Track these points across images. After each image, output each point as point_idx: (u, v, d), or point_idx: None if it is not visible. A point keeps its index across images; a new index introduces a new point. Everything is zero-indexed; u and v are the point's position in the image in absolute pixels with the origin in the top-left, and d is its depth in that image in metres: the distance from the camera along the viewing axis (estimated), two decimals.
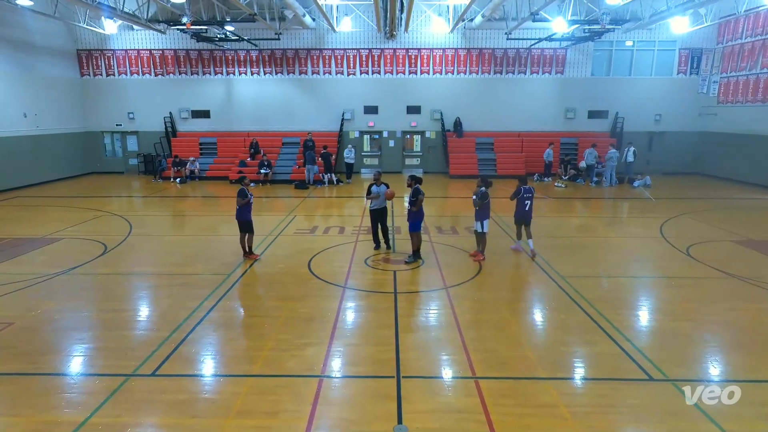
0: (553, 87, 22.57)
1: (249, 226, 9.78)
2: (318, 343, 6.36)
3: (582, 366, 5.98)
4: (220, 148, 22.70)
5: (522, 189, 10.01)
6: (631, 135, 21.79)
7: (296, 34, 22.00)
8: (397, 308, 7.51)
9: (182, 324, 6.92)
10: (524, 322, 7.32)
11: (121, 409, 4.98)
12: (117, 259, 10.13)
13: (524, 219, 10.11)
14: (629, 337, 6.54)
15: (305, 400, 5.12)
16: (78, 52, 22.41)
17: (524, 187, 10.06)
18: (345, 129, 22.97)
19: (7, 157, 18.12)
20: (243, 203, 9.58)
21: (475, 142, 22.59)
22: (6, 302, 7.56)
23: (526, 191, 10.05)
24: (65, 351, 6.25)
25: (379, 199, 10.18)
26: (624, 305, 7.78)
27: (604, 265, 9.90)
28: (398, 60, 22.27)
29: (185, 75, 22.70)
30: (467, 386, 5.43)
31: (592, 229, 13.30)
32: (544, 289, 8.47)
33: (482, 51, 22.21)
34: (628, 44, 22.05)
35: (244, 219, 9.68)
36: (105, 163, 23.70)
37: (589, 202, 17.10)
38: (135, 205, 17.24)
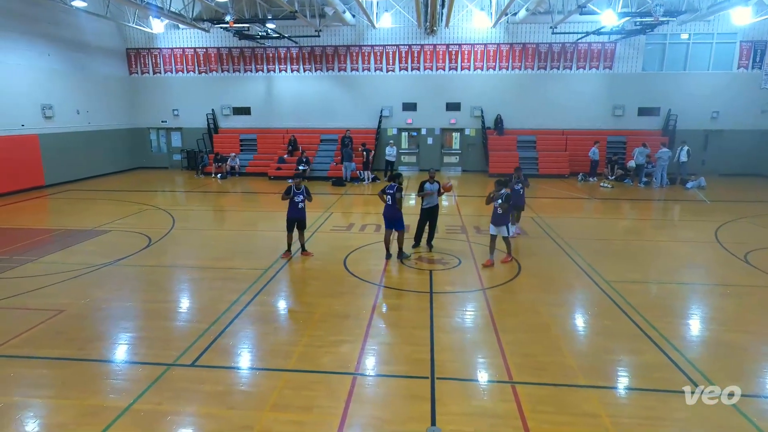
0: (600, 83, 21.74)
1: (290, 224, 9.83)
2: (352, 341, 6.35)
3: (626, 375, 5.69)
4: (260, 145, 23.15)
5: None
6: (684, 133, 20.73)
7: (336, 30, 22.12)
8: (432, 308, 7.40)
9: (221, 316, 7.07)
10: (565, 326, 7.05)
11: (162, 397, 5.13)
12: (160, 251, 10.48)
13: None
14: (679, 346, 6.19)
15: (339, 396, 5.12)
16: (127, 51, 23.39)
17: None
18: (383, 126, 22.94)
19: (62, 152, 19.09)
20: (286, 199, 9.72)
21: (517, 140, 22.06)
22: (58, 290, 7.94)
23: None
24: (111, 339, 6.51)
25: (432, 198, 10.06)
26: (674, 313, 7.38)
27: (653, 270, 9.41)
28: (438, 56, 22.02)
29: (227, 72, 23.27)
30: (504, 391, 5.28)
31: (641, 232, 12.67)
32: (587, 293, 8.16)
33: (525, 46, 21.64)
34: (684, 37, 20.94)
35: (287, 216, 9.81)
36: (151, 158, 24.65)
37: (638, 204, 16.36)
38: (178, 199, 17.82)
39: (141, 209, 14.68)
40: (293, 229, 9.82)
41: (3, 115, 16.58)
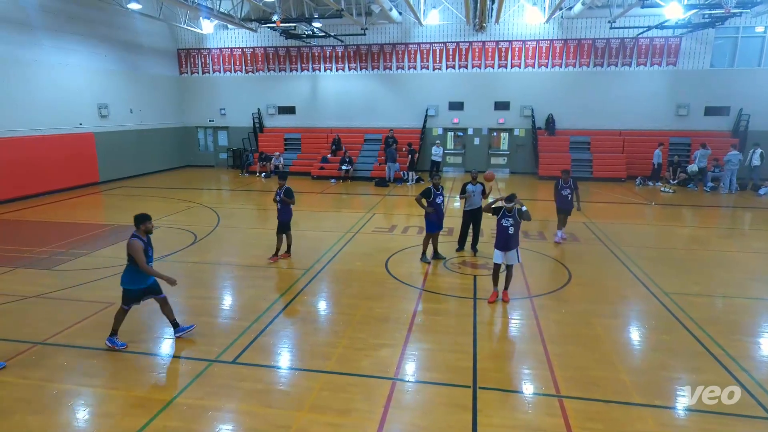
0: (662, 80, 20.51)
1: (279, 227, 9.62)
2: (393, 345, 6.23)
3: (686, 395, 5.23)
4: (304, 144, 23.45)
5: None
6: (758, 135, 19.14)
7: (382, 28, 22.06)
8: (476, 315, 7.16)
9: (262, 315, 7.13)
10: (618, 340, 6.61)
11: (203, 392, 5.21)
12: (205, 248, 10.76)
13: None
14: (746, 367, 5.67)
15: (377, 401, 5.04)
16: (178, 51, 24.30)
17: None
18: (428, 126, 22.65)
19: (116, 150, 20.03)
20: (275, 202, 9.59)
21: (569, 141, 21.18)
22: (109, 284, 8.21)
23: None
24: (157, 333, 6.69)
25: (474, 199, 9.76)
26: (741, 330, 6.77)
27: (719, 282, 8.68)
28: (487, 53, 21.50)
29: (273, 72, 23.71)
30: (550, 404, 5.03)
31: (705, 241, 11.78)
32: (644, 305, 7.65)
33: (581, 42, 20.76)
34: (759, 30, 19.41)
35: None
36: (198, 156, 25.49)
37: (703, 210, 15.27)
38: (223, 197, 18.30)
39: (188, 206, 15.17)
40: (280, 234, 9.59)
41: (63, 114, 17.58)
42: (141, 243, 5.92)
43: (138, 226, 6.04)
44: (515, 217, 7.28)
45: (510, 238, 7.30)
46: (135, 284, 6.05)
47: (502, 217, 7.34)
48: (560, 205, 10.77)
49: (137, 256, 5.83)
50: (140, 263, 5.84)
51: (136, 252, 5.84)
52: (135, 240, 5.91)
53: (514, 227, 7.28)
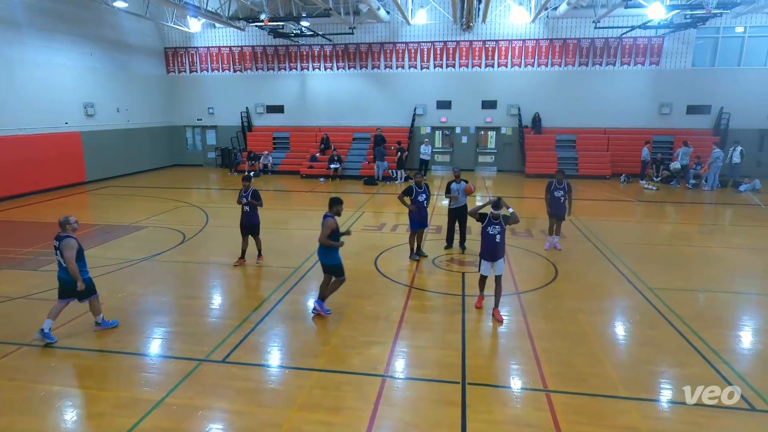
0: (646, 79, 20.83)
1: (241, 230, 9.34)
2: (382, 342, 6.27)
3: (670, 388, 5.37)
4: (293, 143, 23.37)
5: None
6: (738, 133, 19.56)
7: (370, 28, 22.07)
8: (464, 312, 7.23)
9: (252, 314, 7.13)
10: (605, 335, 6.73)
11: (193, 391, 5.20)
12: (194, 248, 10.70)
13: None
14: (728, 360, 5.82)
15: (368, 398, 5.08)
16: (165, 50, 24.04)
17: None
18: (417, 124, 22.73)
19: (102, 150, 19.77)
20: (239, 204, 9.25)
21: (555, 139, 21.43)
22: (96, 284, 8.07)
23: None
24: (146, 333, 6.65)
25: (459, 198, 9.91)
26: (723, 324, 6.94)
27: (701, 278, 8.90)
28: (474, 52, 21.64)
29: (261, 71, 23.59)
30: (538, 399, 5.11)
31: (688, 238, 12.01)
32: (629, 301, 7.79)
33: (566, 41, 21.00)
34: (739, 30, 19.79)
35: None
36: (186, 156, 25.27)
37: (685, 207, 15.59)
38: (212, 197, 18.20)
39: (176, 206, 15.05)
40: (246, 236, 9.29)
41: (49, 114, 17.33)
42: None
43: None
44: (502, 224, 6.88)
45: (497, 246, 6.86)
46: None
47: (489, 225, 6.89)
48: (551, 208, 10.09)
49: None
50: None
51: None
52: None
53: (500, 235, 6.86)
